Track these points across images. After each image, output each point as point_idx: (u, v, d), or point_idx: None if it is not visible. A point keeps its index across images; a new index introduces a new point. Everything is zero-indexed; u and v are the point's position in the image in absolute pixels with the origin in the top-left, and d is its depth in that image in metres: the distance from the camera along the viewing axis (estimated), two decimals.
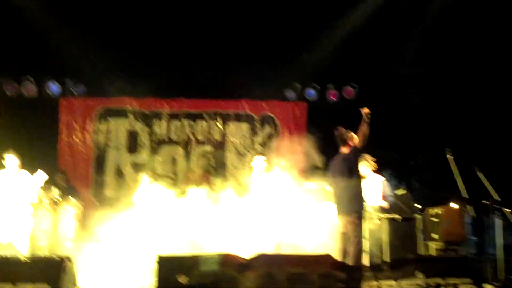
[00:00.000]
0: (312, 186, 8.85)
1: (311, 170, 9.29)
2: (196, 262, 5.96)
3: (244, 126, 11.09)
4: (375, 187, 7.99)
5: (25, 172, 7.84)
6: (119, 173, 10.61)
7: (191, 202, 9.04)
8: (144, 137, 10.90)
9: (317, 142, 8.69)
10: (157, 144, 10.76)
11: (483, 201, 7.25)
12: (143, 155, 10.80)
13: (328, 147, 8.43)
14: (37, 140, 10.34)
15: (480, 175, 7.50)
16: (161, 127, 10.91)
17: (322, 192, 8.78)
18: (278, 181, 8.34)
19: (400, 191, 8.40)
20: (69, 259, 5.78)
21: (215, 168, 9.84)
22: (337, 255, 6.36)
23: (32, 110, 10.51)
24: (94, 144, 10.81)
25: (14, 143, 8.77)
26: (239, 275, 5.93)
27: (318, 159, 8.29)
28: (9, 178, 7.72)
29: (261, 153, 8.95)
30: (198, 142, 10.96)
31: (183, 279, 5.82)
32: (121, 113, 10.97)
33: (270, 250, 7.59)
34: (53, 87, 10.58)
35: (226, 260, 6.04)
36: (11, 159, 7.74)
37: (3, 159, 7.77)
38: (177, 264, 5.97)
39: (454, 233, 7.69)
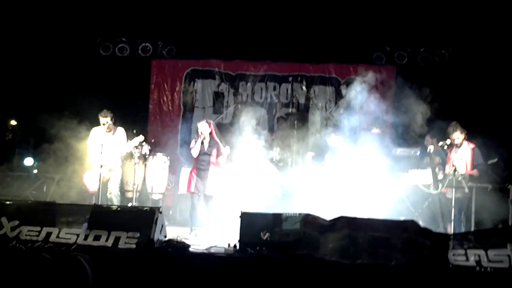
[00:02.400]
0: (403, 152, 8.73)
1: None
2: (278, 221, 6.03)
3: (329, 90, 10.96)
4: (465, 155, 7.68)
5: (120, 129, 8.20)
6: None
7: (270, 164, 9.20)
8: (229, 98, 11.08)
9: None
10: (241, 105, 10.89)
11: None
12: (228, 116, 11.00)
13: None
14: (130, 99, 10.83)
15: None
16: (246, 89, 11.03)
17: (412, 159, 8.66)
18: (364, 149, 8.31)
19: (492, 160, 8.01)
20: (159, 210, 6.02)
21: (298, 130, 9.81)
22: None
23: (125, 70, 10.96)
24: (182, 104, 11.15)
25: (108, 101, 9.25)
26: (320, 236, 5.93)
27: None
28: (105, 135, 8.10)
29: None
30: (282, 104, 11.00)
31: (265, 236, 5.93)
32: (208, 75, 11.20)
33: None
34: (145, 49, 10.93)
35: (308, 220, 6.05)
36: (105, 120, 8.10)
37: (99, 119, 8.13)
38: (260, 221, 6.05)
39: None
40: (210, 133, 7.59)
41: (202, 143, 7.51)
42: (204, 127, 7.54)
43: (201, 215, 7.61)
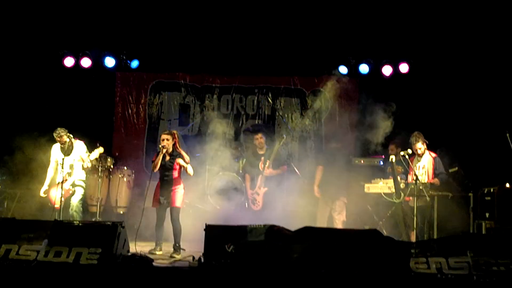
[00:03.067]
0: (366, 162, 8.89)
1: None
2: (243, 232, 6.02)
3: (295, 101, 11.06)
4: (427, 164, 7.83)
5: (80, 143, 8.08)
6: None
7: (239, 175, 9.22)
8: (195, 110, 11.07)
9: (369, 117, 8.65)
10: (208, 117, 10.89)
11: None
12: (195, 128, 10.98)
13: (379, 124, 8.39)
14: (94, 112, 10.72)
15: None
16: (212, 101, 11.04)
17: (375, 168, 8.80)
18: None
19: (452, 168, 8.19)
20: (121, 224, 5.94)
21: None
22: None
23: (89, 83, 10.85)
24: (147, 116, 11.09)
25: (72, 115, 9.13)
26: (285, 247, 5.95)
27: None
28: (68, 149, 7.98)
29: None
30: (248, 116, 11.04)
31: (230, 248, 5.91)
32: (174, 87, 11.18)
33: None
34: (110, 61, 10.85)
35: (273, 232, 6.06)
36: (61, 137, 7.97)
37: (58, 132, 8.00)
38: (224, 233, 6.03)
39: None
40: (174, 144, 7.44)
41: (164, 156, 7.35)
42: (167, 138, 7.37)
43: (167, 228, 7.52)
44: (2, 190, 9.55)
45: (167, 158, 7.31)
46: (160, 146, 7.34)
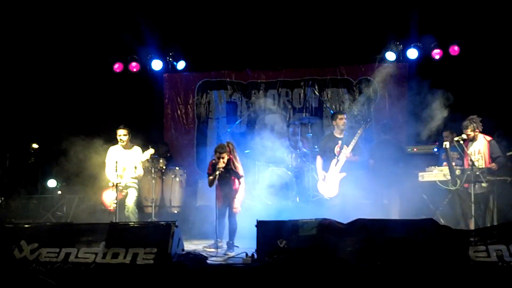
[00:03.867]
0: (420, 150, 8.64)
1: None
2: (295, 227, 5.99)
3: (342, 91, 10.91)
4: (482, 149, 7.55)
5: (137, 148, 8.27)
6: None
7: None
8: (242, 107, 11.11)
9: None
10: (255, 114, 10.90)
11: None
12: (243, 125, 11.02)
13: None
14: (144, 115, 10.95)
15: None
16: (258, 97, 11.05)
17: (429, 156, 8.57)
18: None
19: (510, 152, 7.86)
20: (174, 224, 6.02)
21: (312, 134, 9.78)
22: None
23: (138, 86, 11.09)
24: (196, 116, 11.23)
25: (123, 119, 9.32)
26: (338, 240, 5.87)
27: None
28: (121, 152, 8.18)
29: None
30: (296, 110, 10.98)
31: (282, 243, 5.89)
32: (220, 85, 11.28)
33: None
34: (157, 64, 11.03)
35: (324, 225, 6.00)
36: (123, 133, 8.19)
37: (117, 134, 8.22)
38: (276, 229, 6.01)
39: None
40: (229, 158, 7.28)
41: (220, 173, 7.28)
42: (222, 156, 7.18)
43: (221, 227, 7.55)
44: (61, 195, 9.92)
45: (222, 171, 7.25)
46: (217, 168, 7.19)
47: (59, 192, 10.13)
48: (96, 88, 10.81)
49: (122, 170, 7.93)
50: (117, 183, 7.76)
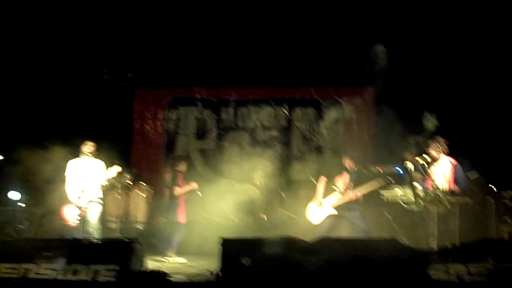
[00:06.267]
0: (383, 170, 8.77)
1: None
2: (259, 245, 5.99)
3: (311, 112, 11.03)
4: (446, 171, 7.70)
5: (99, 162, 8.18)
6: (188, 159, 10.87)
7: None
8: (212, 124, 11.12)
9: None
10: (224, 131, 10.92)
11: None
12: (211, 142, 11.02)
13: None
14: (112, 130, 10.84)
15: None
16: (228, 114, 11.07)
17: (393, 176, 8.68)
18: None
19: (473, 175, 8.04)
20: (137, 241, 5.97)
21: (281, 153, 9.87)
22: None
23: (107, 101, 11.00)
24: (164, 132, 11.18)
25: (91, 133, 9.24)
26: (303, 259, 5.90)
27: None
28: (86, 166, 8.08)
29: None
30: (265, 128, 11.04)
31: (246, 261, 5.88)
32: (190, 102, 11.27)
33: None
34: (127, 79, 10.98)
35: (289, 243, 6.03)
36: (89, 147, 8.09)
37: (82, 147, 8.12)
38: (241, 247, 6.01)
39: None
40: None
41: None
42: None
43: (185, 243, 7.54)
44: (24, 208, 9.71)
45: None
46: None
47: (23, 205, 9.92)
48: (64, 100, 10.68)
49: (85, 185, 7.83)
50: (79, 198, 7.65)
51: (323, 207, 8.10)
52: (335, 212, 8.00)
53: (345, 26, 10.21)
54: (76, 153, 8.30)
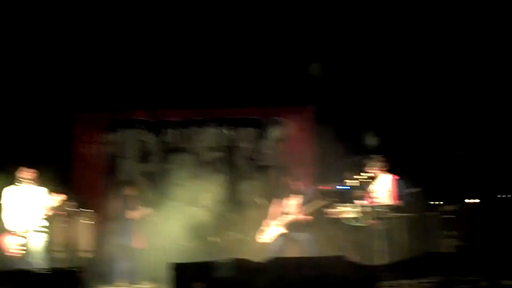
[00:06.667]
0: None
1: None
2: (212, 268, 6.01)
3: (253, 132, 11.15)
4: (388, 187, 7.98)
5: (42, 189, 7.92)
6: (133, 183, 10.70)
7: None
8: (153, 147, 11.01)
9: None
10: (166, 153, 10.84)
11: None
12: (153, 164, 10.90)
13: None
14: (51, 156, 10.50)
15: None
16: (170, 136, 11.01)
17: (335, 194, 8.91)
18: None
19: (414, 189, 8.37)
20: (84, 270, 5.85)
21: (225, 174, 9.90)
22: None
23: (46, 125, 10.68)
24: (105, 156, 10.95)
25: (28, 157, 8.92)
26: (254, 279, 5.96)
27: None
28: (25, 193, 7.80)
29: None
30: (207, 149, 11.04)
31: (199, 286, 5.87)
32: (130, 125, 11.12)
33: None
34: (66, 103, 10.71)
35: (240, 265, 6.08)
36: (28, 174, 7.82)
37: (18, 174, 7.83)
38: (192, 271, 6.02)
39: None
40: None
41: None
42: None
43: (137, 269, 7.41)
44: None
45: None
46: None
47: None
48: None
49: (24, 214, 7.55)
50: (17, 227, 7.36)
51: (274, 227, 8.20)
52: (286, 232, 8.11)
53: (285, 46, 10.45)
54: (12, 180, 7.98)
